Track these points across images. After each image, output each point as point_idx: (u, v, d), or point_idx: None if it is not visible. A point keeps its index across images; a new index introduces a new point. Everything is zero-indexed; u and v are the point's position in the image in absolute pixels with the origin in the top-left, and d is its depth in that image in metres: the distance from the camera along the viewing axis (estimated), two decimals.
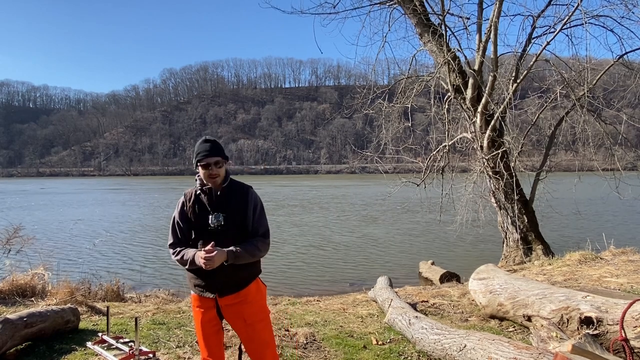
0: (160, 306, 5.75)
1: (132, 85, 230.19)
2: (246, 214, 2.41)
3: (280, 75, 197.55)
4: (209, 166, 2.36)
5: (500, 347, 2.97)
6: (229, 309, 2.40)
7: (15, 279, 5.84)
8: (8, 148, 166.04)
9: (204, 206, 2.40)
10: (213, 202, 2.39)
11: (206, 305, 2.41)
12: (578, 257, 7.58)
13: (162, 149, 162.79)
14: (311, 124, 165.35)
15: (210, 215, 2.36)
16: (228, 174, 2.48)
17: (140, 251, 13.97)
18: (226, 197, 2.42)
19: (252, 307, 2.42)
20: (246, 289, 2.40)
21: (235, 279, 2.36)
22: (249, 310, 2.40)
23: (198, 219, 2.39)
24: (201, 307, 2.43)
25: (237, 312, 2.39)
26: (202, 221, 2.38)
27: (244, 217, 2.41)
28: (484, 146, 8.97)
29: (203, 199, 2.41)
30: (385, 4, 9.53)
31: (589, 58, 8.64)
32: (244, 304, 2.39)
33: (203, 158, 2.35)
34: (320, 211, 25.59)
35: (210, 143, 2.39)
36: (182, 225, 2.43)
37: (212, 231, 2.34)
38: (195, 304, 2.46)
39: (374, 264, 11.55)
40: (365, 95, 10.13)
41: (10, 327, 3.63)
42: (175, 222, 2.45)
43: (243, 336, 2.44)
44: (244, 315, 2.39)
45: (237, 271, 2.34)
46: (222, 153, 2.41)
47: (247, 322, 2.40)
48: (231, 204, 2.40)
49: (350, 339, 4.20)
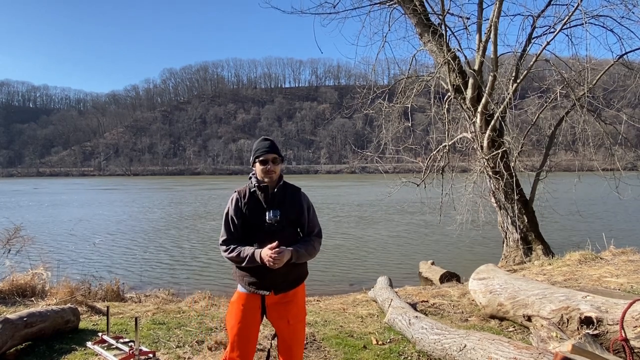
0: (160, 306, 5.75)
1: (132, 85, 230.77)
2: (301, 212, 2.47)
3: (280, 75, 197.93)
4: (267, 162, 2.41)
5: (500, 347, 2.97)
6: (276, 308, 2.41)
7: (15, 279, 5.84)
8: (8, 148, 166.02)
9: (260, 203, 2.42)
10: (269, 199, 2.42)
11: (253, 304, 2.41)
12: (578, 257, 7.58)
13: (162, 149, 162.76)
14: (311, 124, 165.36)
15: (267, 211, 2.38)
16: (282, 175, 2.53)
17: (140, 251, 13.96)
18: (282, 195, 2.46)
19: (296, 307, 2.46)
20: (296, 288, 2.45)
21: (291, 277, 2.41)
22: (294, 310, 2.44)
23: (253, 215, 2.40)
24: (247, 306, 2.41)
25: (283, 312, 2.42)
26: (257, 217, 2.39)
27: (299, 216, 2.46)
28: (484, 146, 8.97)
29: (259, 195, 2.44)
30: (385, 4, 9.53)
31: (589, 58, 8.65)
32: (290, 304, 2.43)
33: (262, 154, 2.42)
34: (320, 211, 25.61)
35: (269, 141, 2.49)
36: (236, 221, 2.43)
37: (267, 228, 2.36)
38: (241, 302, 2.43)
39: (374, 264, 11.55)
40: (365, 95, 10.13)
41: (10, 327, 3.63)
42: (229, 218, 2.44)
43: (283, 335, 2.46)
44: (289, 316, 2.42)
45: (293, 270, 2.39)
46: (279, 152, 2.48)
47: (290, 323, 2.42)
48: (286, 202, 2.44)
49: (350, 339, 4.20)
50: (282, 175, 2.52)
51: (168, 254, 13.48)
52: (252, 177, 2.48)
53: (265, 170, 2.41)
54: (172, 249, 14.37)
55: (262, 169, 2.42)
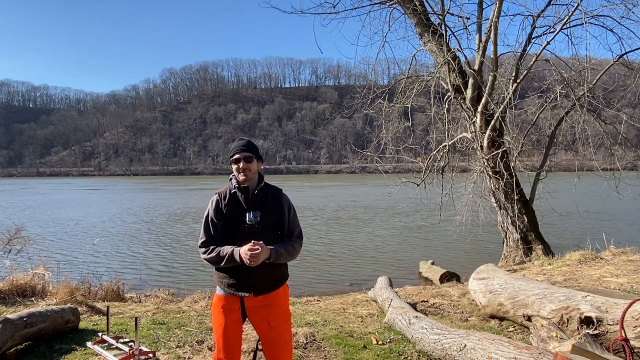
0: (160, 306, 5.75)
1: (132, 85, 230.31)
2: (282, 214, 2.45)
3: (280, 75, 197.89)
4: (240, 161, 2.40)
5: (500, 347, 2.97)
6: (256, 311, 2.40)
7: (15, 279, 5.84)
8: (8, 148, 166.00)
9: (240, 204, 2.42)
10: (249, 200, 2.42)
11: (232, 306, 2.40)
12: (578, 257, 7.59)
13: (162, 148, 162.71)
14: (311, 124, 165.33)
15: (247, 212, 2.37)
16: (262, 176, 2.52)
17: (140, 251, 13.96)
18: (262, 196, 2.45)
19: (278, 309, 2.44)
20: (276, 291, 2.43)
21: (271, 279, 2.39)
22: (275, 312, 2.42)
23: (234, 216, 2.40)
24: (226, 308, 2.41)
25: (264, 315, 2.40)
26: (237, 219, 2.39)
27: (279, 217, 2.45)
28: (484, 146, 8.97)
29: (239, 197, 2.43)
30: (385, 4, 9.52)
31: (588, 58, 8.64)
32: (271, 306, 2.41)
33: (235, 153, 2.43)
34: (320, 211, 25.59)
35: (243, 141, 2.50)
36: (216, 222, 2.42)
37: (247, 229, 2.35)
38: (220, 304, 2.43)
39: (374, 264, 11.55)
40: (365, 95, 10.12)
41: (10, 326, 3.63)
42: (209, 220, 2.44)
43: (265, 338, 2.44)
44: (269, 318, 2.40)
45: (273, 271, 2.37)
46: (253, 150, 2.46)
47: (271, 325, 2.40)
48: (267, 203, 2.43)
49: (350, 339, 4.20)
50: (262, 176, 2.51)
51: (168, 254, 13.48)
52: (233, 178, 2.48)
53: (238, 169, 2.41)
54: (172, 248, 14.37)
55: (235, 167, 2.42)
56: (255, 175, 2.46)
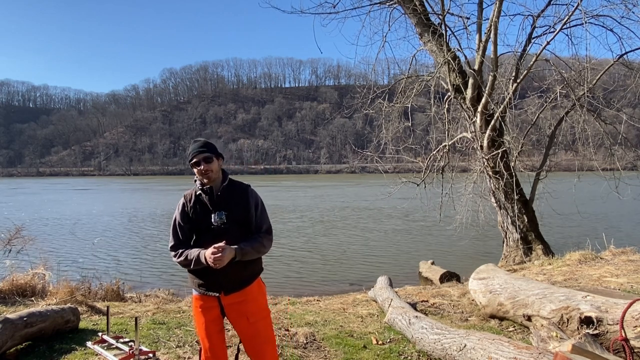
0: (160, 306, 5.75)
1: (132, 85, 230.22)
2: (248, 211, 2.43)
3: (280, 75, 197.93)
4: (199, 163, 2.37)
5: (500, 347, 2.97)
6: (233, 308, 2.41)
7: (15, 279, 5.84)
8: (8, 148, 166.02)
9: (206, 205, 2.41)
10: (214, 201, 2.41)
11: (209, 304, 2.42)
12: (578, 256, 7.58)
13: (162, 148, 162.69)
14: (311, 124, 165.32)
15: (213, 214, 2.37)
16: (226, 174, 2.49)
17: (140, 251, 13.96)
18: (227, 195, 2.43)
19: (254, 305, 2.44)
20: (249, 287, 2.42)
21: (239, 277, 2.38)
22: (252, 308, 2.42)
23: (200, 218, 2.40)
24: (204, 307, 2.43)
25: (241, 311, 2.41)
26: (204, 220, 2.38)
27: (246, 215, 2.43)
28: (484, 146, 8.97)
29: (204, 198, 2.42)
30: (385, 4, 9.52)
31: (588, 58, 8.63)
32: (247, 302, 2.41)
33: (193, 157, 2.39)
34: (320, 211, 25.58)
35: (199, 142, 2.43)
36: (183, 225, 2.43)
37: (214, 230, 2.35)
38: (198, 304, 2.46)
39: (374, 263, 11.55)
40: (365, 95, 10.12)
41: (10, 326, 3.63)
42: (176, 223, 2.44)
43: (245, 334, 2.45)
44: (247, 314, 2.41)
45: (241, 269, 2.36)
46: (212, 150, 2.42)
47: (250, 321, 2.41)
48: (232, 202, 2.42)
49: (350, 339, 4.20)
50: (227, 174, 2.49)
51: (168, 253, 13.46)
52: (197, 180, 2.45)
53: (200, 172, 2.37)
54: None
55: (197, 170, 2.38)
56: (219, 174, 2.44)
